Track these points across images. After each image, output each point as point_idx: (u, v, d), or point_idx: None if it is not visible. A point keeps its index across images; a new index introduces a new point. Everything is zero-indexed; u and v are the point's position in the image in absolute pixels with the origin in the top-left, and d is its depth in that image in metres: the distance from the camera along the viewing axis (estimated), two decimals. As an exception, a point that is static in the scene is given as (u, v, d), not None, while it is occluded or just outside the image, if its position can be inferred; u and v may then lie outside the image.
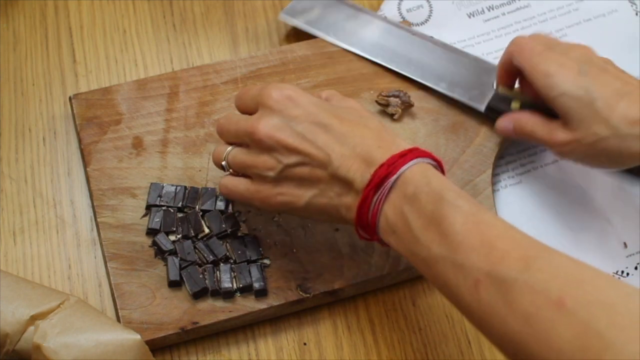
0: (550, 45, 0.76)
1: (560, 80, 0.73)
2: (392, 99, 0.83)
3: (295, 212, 0.70)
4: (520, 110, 0.79)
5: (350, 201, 0.67)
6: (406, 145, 0.67)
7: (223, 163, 0.72)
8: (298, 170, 0.68)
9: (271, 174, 0.68)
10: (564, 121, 0.74)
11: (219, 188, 0.74)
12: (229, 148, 0.72)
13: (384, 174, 0.64)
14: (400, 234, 0.64)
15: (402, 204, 0.64)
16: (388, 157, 0.65)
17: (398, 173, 0.64)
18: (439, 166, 0.67)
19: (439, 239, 0.61)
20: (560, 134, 0.74)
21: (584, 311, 0.54)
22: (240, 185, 0.72)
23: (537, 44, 0.76)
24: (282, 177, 0.68)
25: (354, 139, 0.67)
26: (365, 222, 0.66)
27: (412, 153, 0.66)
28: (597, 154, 0.73)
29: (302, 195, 0.68)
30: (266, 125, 0.68)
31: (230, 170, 0.72)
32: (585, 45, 0.77)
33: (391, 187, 0.64)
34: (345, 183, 0.66)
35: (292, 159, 0.67)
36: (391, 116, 0.83)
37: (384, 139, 0.67)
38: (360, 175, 0.66)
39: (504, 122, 0.79)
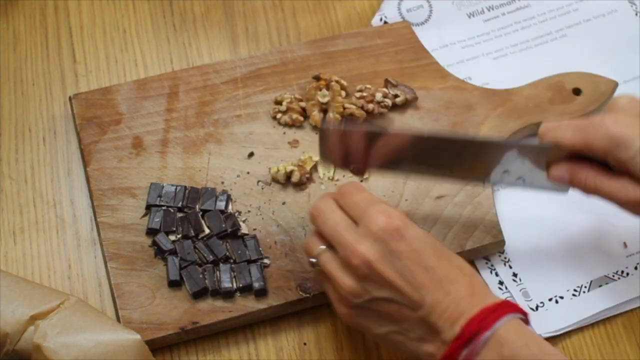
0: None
1: (631, 138, 0.67)
2: (400, 86, 0.83)
3: (368, 334, 0.69)
4: (574, 160, 0.71)
5: (433, 350, 0.64)
6: (495, 298, 0.65)
7: (313, 260, 0.69)
8: (385, 305, 0.65)
9: (356, 300, 0.66)
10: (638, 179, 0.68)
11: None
12: (323, 247, 0.68)
13: (476, 329, 0.62)
14: None
15: None
16: (479, 310, 0.63)
17: (491, 330, 0.62)
18: (526, 319, 0.65)
19: None
20: (635, 192, 0.68)
21: None
22: (326, 288, 0.70)
23: (573, 120, 0.71)
24: (366, 305, 0.66)
25: (450, 285, 0.64)
26: None
27: (503, 307, 0.63)
28: None
29: (381, 326, 0.67)
30: (367, 251, 0.65)
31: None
32: (627, 95, 0.71)
33: (483, 345, 0.62)
34: (433, 330, 0.64)
35: (383, 294, 0.65)
36: (395, 97, 0.83)
37: (476, 288, 0.65)
38: (450, 325, 0.63)
39: (559, 172, 0.72)
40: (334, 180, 0.80)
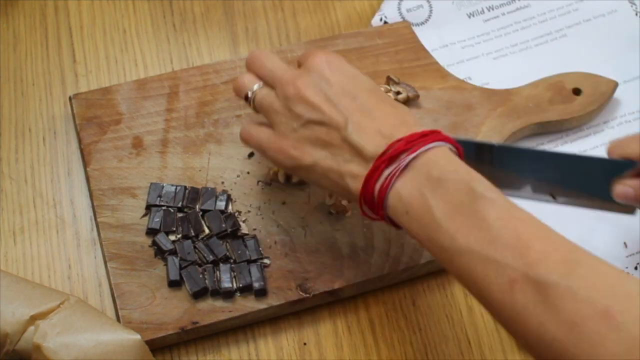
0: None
1: None
2: (402, 84, 0.83)
3: (301, 171, 0.70)
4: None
5: (357, 169, 0.65)
6: (427, 128, 0.65)
7: (249, 94, 0.72)
8: (317, 129, 0.67)
9: (293, 124, 0.68)
10: None
11: (240, 133, 0.74)
12: (259, 84, 0.72)
13: (402, 149, 0.63)
14: (415, 217, 0.62)
15: (422, 186, 0.62)
16: (408, 134, 0.64)
17: (418, 151, 0.63)
18: (458, 152, 0.65)
19: (468, 231, 0.59)
20: None
21: (634, 326, 0.52)
22: (262, 133, 0.71)
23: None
24: (302, 131, 0.68)
25: (376, 112, 0.66)
26: (371, 195, 0.64)
27: (434, 135, 0.64)
28: None
29: (312, 154, 0.68)
30: (299, 81, 0.69)
31: (251, 103, 0.73)
32: None
33: (407, 165, 0.63)
34: (356, 150, 0.65)
35: (313, 115, 0.67)
36: (397, 94, 0.83)
37: (407, 121, 0.66)
38: (374, 145, 0.64)
39: (623, 188, 0.69)
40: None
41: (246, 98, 0.73)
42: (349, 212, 0.78)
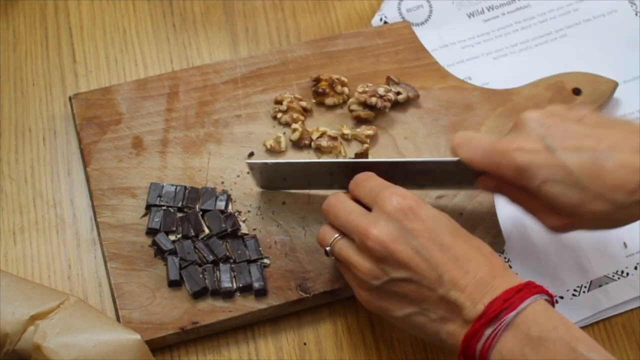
0: (493, 140, 0.69)
1: (534, 168, 0.66)
2: (402, 84, 0.83)
3: (389, 318, 0.68)
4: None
5: (455, 329, 0.64)
6: (519, 279, 0.64)
7: (327, 249, 0.69)
8: (404, 285, 0.65)
9: (375, 282, 0.66)
10: (553, 206, 0.67)
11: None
12: (337, 236, 0.69)
13: (500, 308, 0.61)
14: None
15: (524, 345, 0.61)
16: (503, 290, 0.62)
17: (517, 310, 0.61)
18: (552, 300, 0.64)
19: None
20: (551, 219, 0.68)
21: None
22: (345, 275, 0.70)
23: (482, 140, 0.70)
24: (387, 287, 0.66)
25: (468, 263, 0.64)
26: (472, 353, 0.63)
27: (528, 288, 0.63)
28: (601, 224, 0.68)
29: (401, 308, 0.66)
30: (381, 233, 0.65)
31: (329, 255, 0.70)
32: (534, 112, 0.69)
33: (508, 324, 0.61)
34: (454, 308, 0.63)
35: (400, 274, 0.65)
36: (397, 94, 0.83)
37: (497, 268, 0.64)
38: (472, 303, 0.63)
39: (485, 184, 0.72)
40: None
41: (326, 253, 0.70)
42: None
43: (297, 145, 0.81)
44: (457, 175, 0.73)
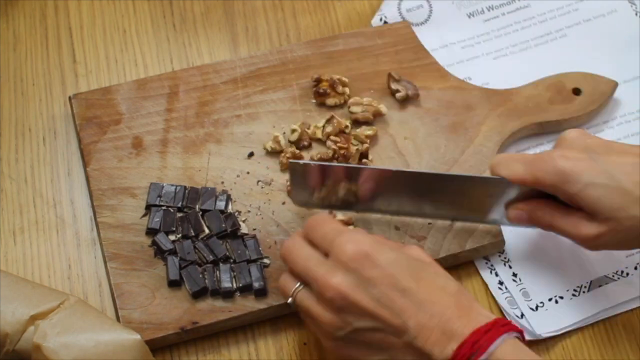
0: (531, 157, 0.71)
1: (577, 172, 0.68)
2: (403, 82, 0.83)
3: None
4: (530, 200, 0.73)
5: None
6: (487, 315, 0.64)
7: (289, 301, 0.68)
8: (370, 334, 0.64)
9: (339, 333, 0.65)
10: (590, 213, 0.69)
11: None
12: (297, 285, 0.68)
13: (469, 353, 0.61)
14: None
15: None
16: (470, 332, 0.62)
17: (486, 354, 0.61)
18: (522, 336, 0.64)
19: None
20: (588, 228, 0.69)
21: None
22: (308, 325, 0.69)
23: (524, 155, 0.72)
24: (352, 336, 0.65)
25: (433, 306, 0.63)
26: None
27: (497, 327, 0.62)
28: (638, 236, 0.68)
29: (370, 356, 0.66)
30: (339, 284, 0.64)
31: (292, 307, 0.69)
32: (576, 130, 0.72)
33: None
34: (422, 355, 0.63)
35: (364, 323, 0.64)
36: (395, 92, 0.83)
37: (463, 307, 0.64)
38: (440, 349, 0.62)
39: (517, 212, 0.73)
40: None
41: (289, 306, 0.69)
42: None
43: (297, 145, 0.81)
44: (491, 199, 0.73)
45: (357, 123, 0.83)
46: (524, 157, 0.72)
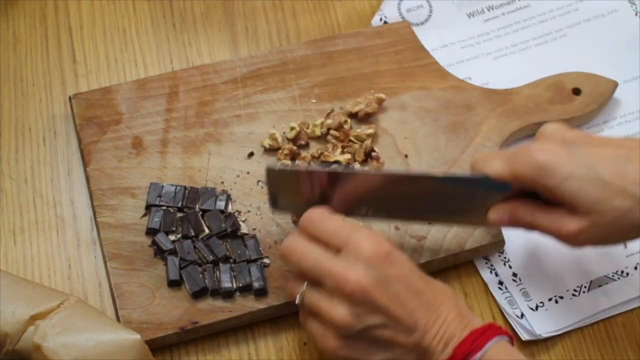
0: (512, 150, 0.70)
1: (555, 164, 0.66)
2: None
3: None
4: (511, 200, 0.70)
5: None
6: (480, 320, 0.67)
7: (297, 302, 0.68)
8: (379, 332, 0.65)
9: (349, 331, 0.65)
10: (571, 207, 0.66)
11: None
12: (305, 286, 0.68)
13: (467, 351, 0.64)
14: None
15: None
16: (469, 332, 0.65)
17: (482, 351, 0.64)
18: (511, 341, 0.67)
19: None
20: (569, 224, 0.67)
21: None
22: (309, 325, 0.68)
23: (503, 151, 0.71)
24: (358, 335, 0.65)
25: (439, 307, 0.66)
26: None
27: (492, 330, 0.65)
28: (621, 230, 0.67)
29: (372, 354, 0.66)
30: (360, 279, 0.64)
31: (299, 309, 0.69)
32: (554, 123, 0.71)
33: None
34: (425, 354, 0.65)
35: (375, 320, 0.65)
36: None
37: (462, 310, 0.67)
38: (442, 348, 0.65)
39: (497, 214, 0.71)
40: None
41: (296, 305, 0.69)
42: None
43: (294, 143, 0.81)
44: (473, 200, 0.72)
45: (356, 119, 0.83)
46: (503, 153, 0.71)
